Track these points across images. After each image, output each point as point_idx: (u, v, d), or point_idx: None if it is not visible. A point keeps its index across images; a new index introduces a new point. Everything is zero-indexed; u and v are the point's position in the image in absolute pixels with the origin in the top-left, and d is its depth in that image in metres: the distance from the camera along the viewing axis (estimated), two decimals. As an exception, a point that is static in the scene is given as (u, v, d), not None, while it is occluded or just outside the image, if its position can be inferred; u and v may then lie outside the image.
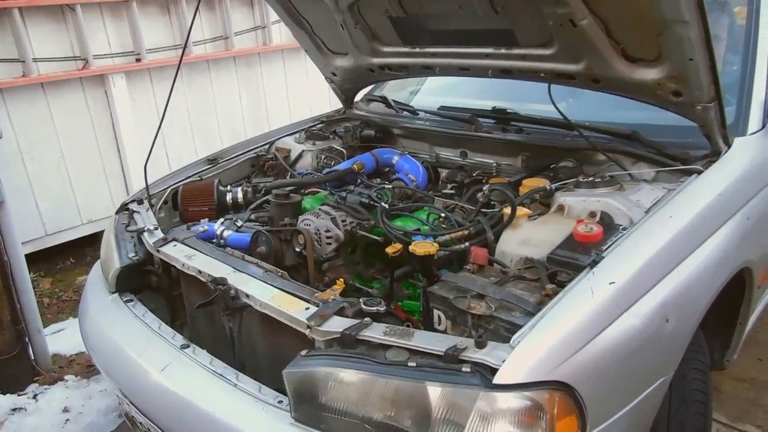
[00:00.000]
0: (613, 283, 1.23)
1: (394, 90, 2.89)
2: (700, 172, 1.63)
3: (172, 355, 1.50)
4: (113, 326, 1.69)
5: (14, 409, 2.49)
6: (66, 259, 4.14)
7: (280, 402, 1.30)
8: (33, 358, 2.78)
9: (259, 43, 4.77)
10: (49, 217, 3.88)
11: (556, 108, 1.86)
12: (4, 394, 2.54)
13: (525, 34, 1.78)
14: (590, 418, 1.14)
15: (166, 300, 1.93)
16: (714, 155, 1.73)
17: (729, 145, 1.74)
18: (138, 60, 4.09)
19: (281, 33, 4.87)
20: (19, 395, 2.59)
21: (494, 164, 2.15)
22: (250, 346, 1.61)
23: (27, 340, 2.74)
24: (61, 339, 3.15)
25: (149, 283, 1.87)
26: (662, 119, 1.84)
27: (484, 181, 2.04)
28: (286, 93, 5.04)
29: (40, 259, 3.96)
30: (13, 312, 2.64)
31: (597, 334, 1.17)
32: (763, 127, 1.88)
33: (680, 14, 1.40)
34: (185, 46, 2.14)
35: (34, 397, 2.62)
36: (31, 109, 3.69)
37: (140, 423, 1.52)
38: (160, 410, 1.43)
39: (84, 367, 2.93)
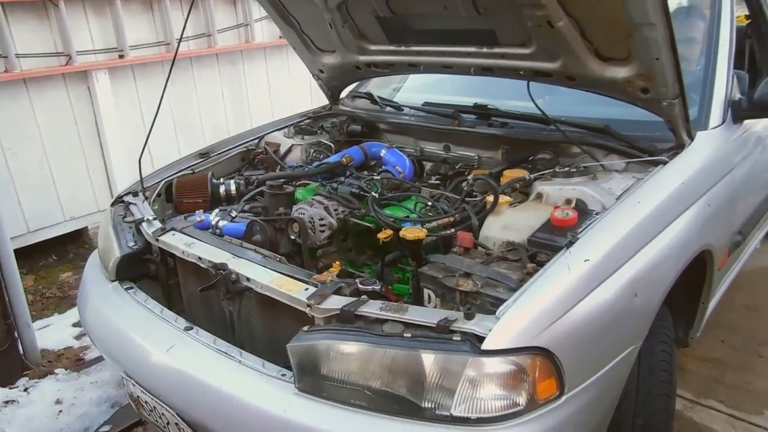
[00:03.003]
0: (588, 260, 1.36)
1: (378, 87, 2.99)
2: (665, 163, 1.77)
3: (176, 337, 1.57)
4: (116, 312, 1.76)
5: (7, 402, 2.52)
6: (48, 256, 4.14)
7: (283, 375, 1.39)
8: (22, 352, 2.81)
9: (242, 40, 4.82)
10: (31, 213, 3.88)
11: (535, 104, 1.99)
12: (-3, 387, 2.57)
13: (505, 34, 1.90)
14: (567, 381, 1.26)
15: (163, 289, 1.99)
16: (679, 148, 1.87)
17: (692, 139, 1.89)
18: (121, 56, 4.12)
19: (264, 31, 4.94)
20: (10, 389, 2.62)
21: (476, 157, 2.27)
22: (249, 329, 1.69)
23: (16, 334, 2.77)
24: (47, 334, 3.18)
25: (148, 271, 1.93)
26: (632, 115, 1.97)
27: (466, 173, 2.15)
28: (268, 90, 5.11)
29: (22, 256, 3.95)
30: (2, 306, 2.67)
31: (573, 305, 1.29)
32: (723, 122, 2.04)
33: (647, 17, 1.53)
34: (180, 42, 2.20)
35: (26, 390, 2.65)
36: (14, 104, 3.69)
37: (146, 402, 1.60)
38: (167, 388, 1.51)
39: (73, 361, 2.97)
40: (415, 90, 2.98)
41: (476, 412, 1.20)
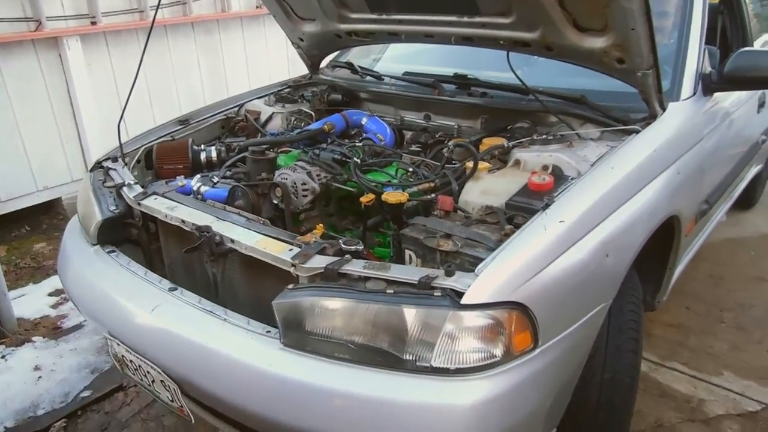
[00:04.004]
0: (563, 221, 1.42)
1: (358, 57, 2.99)
2: (638, 132, 1.83)
3: (161, 297, 1.60)
4: (98, 275, 1.77)
5: (-16, 368, 2.52)
6: (21, 227, 4.07)
7: (268, 332, 1.42)
8: (-1, 320, 2.79)
9: (218, 9, 4.74)
10: (3, 183, 3.81)
11: (515, 74, 2.03)
12: (-26, 354, 2.56)
13: (486, 3, 1.92)
14: (542, 335, 1.32)
15: (145, 254, 2.00)
16: (651, 118, 1.93)
17: (664, 109, 1.95)
18: (93, 23, 4.02)
19: (240, 0, 4.86)
20: (-13, 355, 2.61)
21: (455, 126, 2.30)
22: (233, 291, 1.72)
23: (-8, 302, 2.75)
24: (23, 304, 3.15)
25: (129, 236, 1.94)
26: (607, 86, 2.02)
27: (446, 141, 2.19)
28: (245, 60, 5.05)
29: (-2, 225, 3.91)
30: (-23, 274, 2.65)
31: (549, 263, 1.35)
32: (694, 94, 2.11)
33: (624, -13, 1.58)
34: (156, 11, 2.17)
35: (3, 357, 2.64)
36: (-19, 72, 3.60)
37: (131, 361, 1.62)
38: (153, 346, 1.53)
39: (50, 329, 2.96)
40: (394, 60, 2.99)
41: (455, 363, 1.26)
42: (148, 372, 1.57)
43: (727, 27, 2.90)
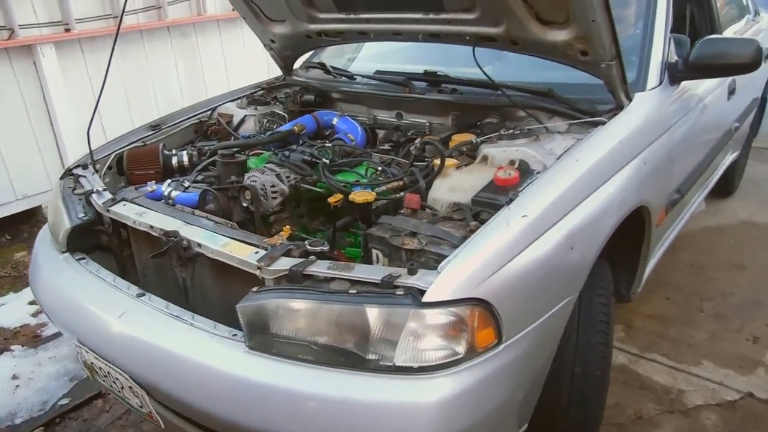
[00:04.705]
0: (526, 216, 1.42)
1: (333, 57, 2.98)
2: (604, 123, 1.84)
3: (128, 304, 1.59)
4: (67, 282, 1.76)
5: (-38, 379, 2.50)
6: (1, 236, 4.05)
7: (234, 335, 1.42)
8: (-24, 330, 2.78)
9: (194, 13, 4.72)
10: (-21, 191, 3.79)
11: (481, 69, 2.03)
12: (-49, 364, 2.54)
13: (451, 0, 1.93)
14: (505, 330, 1.33)
15: (117, 261, 1.99)
16: (618, 109, 1.94)
17: (630, 100, 1.96)
18: (67, 30, 3.99)
19: (216, 3, 4.84)
20: (-36, 366, 2.59)
21: (427, 123, 2.31)
22: (203, 295, 1.72)
23: (-31, 312, 2.73)
24: (3, 313, 3.13)
25: (99, 242, 1.93)
26: (575, 78, 2.02)
27: (417, 139, 2.19)
28: (224, 63, 5.03)
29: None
30: (-47, 284, 2.63)
31: (511, 258, 1.36)
32: (660, 83, 2.12)
33: (582, -20, 1.58)
34: (122, 16, 2.15)
35: (-19, 367, 2.63)
36: (-45, 80, 3.57)
37: (99, 368, 1.61)
38: (121, 353, 1.52)
39: (30, 338, 2.94)
40: (369, 59, 2.98)
41: (418, 362, 1.26)
42: (117, 379, 1.56)
43: (695, 15, 2.92)
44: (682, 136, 2.21)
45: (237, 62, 5.08)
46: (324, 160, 1.89)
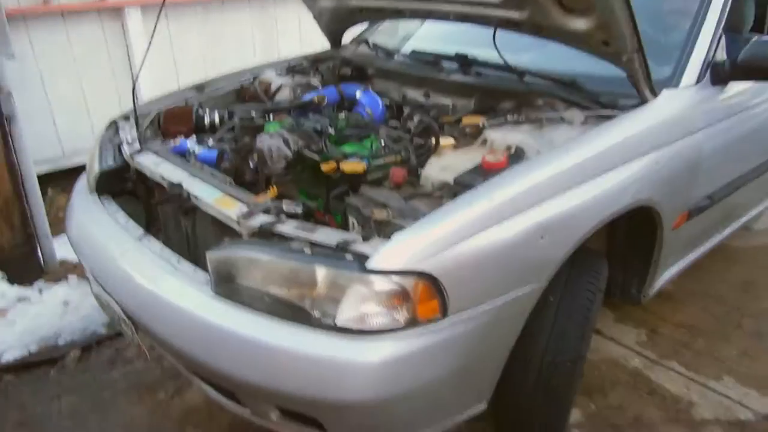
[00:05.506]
0: (492, 199, 1.42)
1: (387, 35, 3.01)
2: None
3: (130, 244, 1.75)
4: (89, 220, 1.96)
5: (20, 299, 2.82)
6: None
7: (208, 281, 1.54)
8: (42, 259, 3.12)
9: (273, -15, 4.90)
10: (66, 139, 4.19)
11: (499, 53, 2.02)
12: (13, 285, 2.88)
13: (476, -19, 1.92)
14: (451, 306, 1.35)
15: (144, 207, 2.18)
16: (642, 104, 1.86)
17: (656, 95, 1.87)
18: (153, -5, 4.28)
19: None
20: (26, 288, 2.93)
21: (450, 105, 2.31)
22: (206, 244, 1.85)
23: (36, 242, 3.07)
24: (68, 247, 3.47)
25: (125, 188, 2.12)
26: (609, 71, 1.92)
27: (439, 120, 2.21)
28: (299, 35, 5.19)
29: (60, 178, 4.30)
30: (23, 216, 2.96)
31: (468, 237, 1.37)
32: (698, 82, 2.00)
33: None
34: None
35: (40, 291, 2.95)
36: (50, 37, 3.95)
37: (105, 300, 1.80)
38: (117, 287, 1.70)
39: (84, 271, 3.26)
40: (425, 40, 2.96)
41: (358, 324, 1.32)
42: (115, 311, 1.74)
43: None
44: (719, 140, 2.07)
45: (311, 33, 5.21)
46: (330, 129, 1.95)
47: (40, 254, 3.10)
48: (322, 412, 1.37)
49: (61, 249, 3.27)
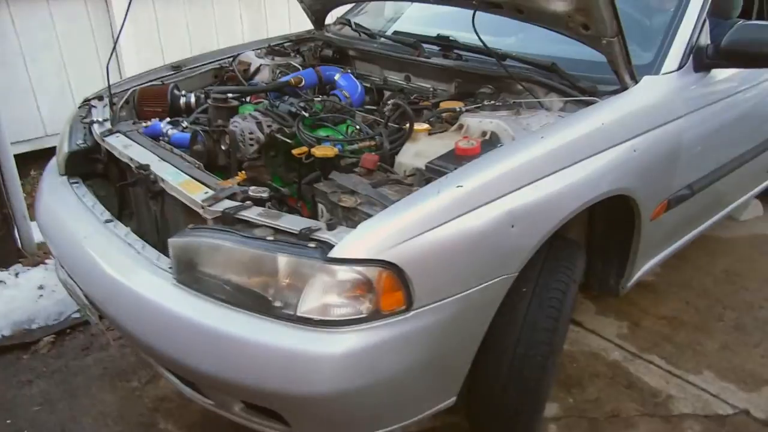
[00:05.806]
0: (461, 186, 1.38)
1: (373, 16, 2.94)
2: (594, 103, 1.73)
3: (95, 228, 1.71)
4: (56, 202, 1.91)
5: (-4, 282, 2.79)
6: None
7: (170, 268, 1.50)
8: (19, 241, 3.07)
9: (261, -35, 4.80)
10: (49, 118, 4.11)
11: (478, 36, 1.93)
12: (-12, 268, 2.84)
13: (454, -38, 1.86)
14: (417, 297, 1.31)
15: (115, 190, 2.13)
16: (622, 90, 1.82)
17: (636, 81, 1.83)
18: (138, -28, 4.19)
19: (283, -43, 4.89)
20: (1, 271, 2.88)
21: (431, 89, 2.26)
22: (175, 227, 1.80)
23: (13, 224, 3.02)
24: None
25: (96, 170, 2.07)
26: (591, 56, 1.87)
27: (419, 103, 2.15)
28: (288, 17, 5.10)
29: (45, 159, 4.22)
30: (-1, 198, 2.91)
31: (435, 226, 1.32)
32: (680, 68, 1.95)
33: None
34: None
35: (16, 274, 2.90)
36: (33, 13, 3.86)
37: (71, 285, 1.76)
38: (80, 273, 1.66)
39: (64, 255, 3.21)
40: (411, 21, 2.90)
41: (320, 315, 1.28)
42: (79, 296, 1.70)
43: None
44: (700, 128, 2.03)
45: (301, 14, 5.12)
46: (304, 113, 1.90)
47: (17, 236, 3.05)
48: (283, 405, 1.34)
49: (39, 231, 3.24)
